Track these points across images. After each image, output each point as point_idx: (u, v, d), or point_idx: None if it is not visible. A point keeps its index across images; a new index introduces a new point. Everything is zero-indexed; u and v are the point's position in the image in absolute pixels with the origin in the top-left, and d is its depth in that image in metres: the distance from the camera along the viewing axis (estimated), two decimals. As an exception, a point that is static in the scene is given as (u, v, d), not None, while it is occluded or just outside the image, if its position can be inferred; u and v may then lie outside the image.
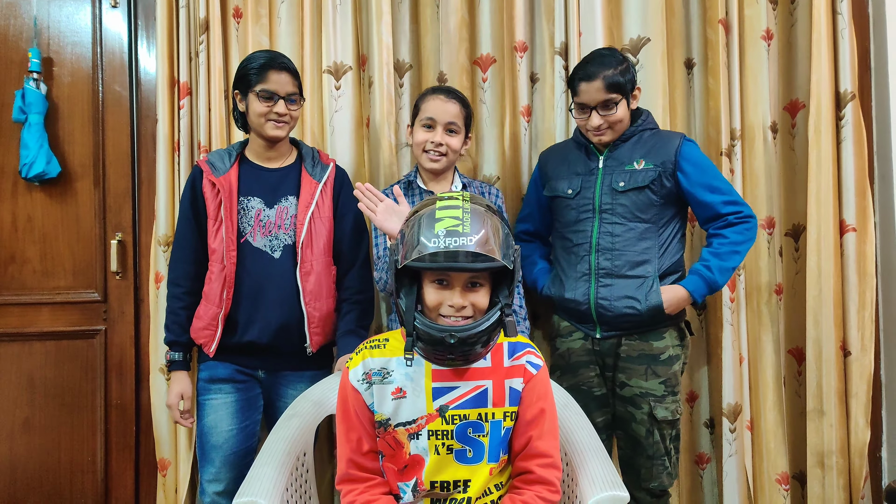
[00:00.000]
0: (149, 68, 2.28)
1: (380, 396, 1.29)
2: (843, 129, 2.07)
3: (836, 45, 2.07)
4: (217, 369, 1.75)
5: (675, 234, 1.81)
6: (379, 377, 1.29)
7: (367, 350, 1.33)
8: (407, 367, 1.29)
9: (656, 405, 1.75)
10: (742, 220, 1.74)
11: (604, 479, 1.37)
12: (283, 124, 1.74)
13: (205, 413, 1.75)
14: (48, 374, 2.26)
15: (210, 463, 1.73)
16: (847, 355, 2.08)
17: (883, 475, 2.15)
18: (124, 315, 2.28)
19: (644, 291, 1.73)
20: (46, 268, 2.26)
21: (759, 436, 2.11)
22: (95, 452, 2.27)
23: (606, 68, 1.72)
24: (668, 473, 1.79)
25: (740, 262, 1.75)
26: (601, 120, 1.74)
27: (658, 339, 1.77)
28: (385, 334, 1.37)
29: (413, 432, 1.27)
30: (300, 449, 1.54)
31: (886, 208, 2.13)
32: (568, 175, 1.85)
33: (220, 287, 1.70)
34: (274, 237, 1.74)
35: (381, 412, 1.29)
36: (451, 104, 1.80)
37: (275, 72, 1.71)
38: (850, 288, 2.07)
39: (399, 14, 2.19)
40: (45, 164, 2.17)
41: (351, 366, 1.32)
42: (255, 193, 1.75)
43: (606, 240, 1.77)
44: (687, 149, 1.77)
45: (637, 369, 1.77)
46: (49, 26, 2.25)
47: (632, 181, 1.75)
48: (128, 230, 2.28)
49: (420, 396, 1.27)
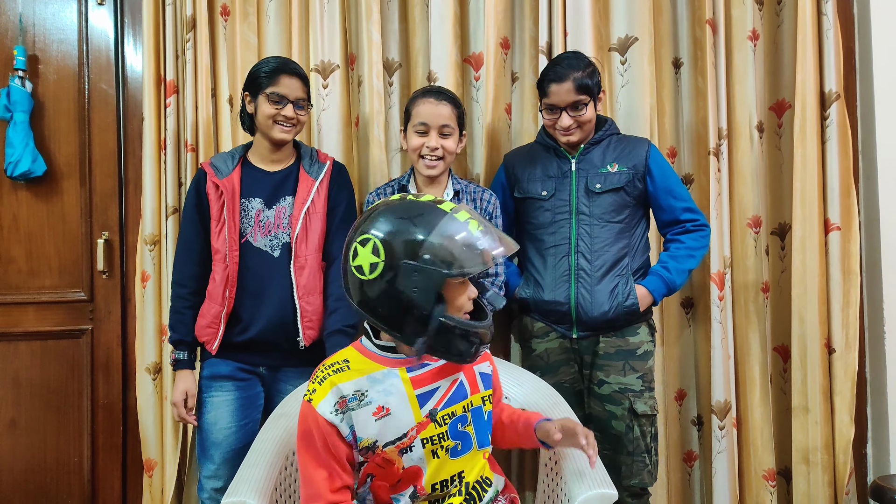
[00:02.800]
0: (135, 66, 2.27)
1: (360, 421, 1.21)
2: (827, 128, 2.09)
3: (822, 45, 2.09)
4: (219, 367, 1.77)
5: (643, 235, 1.88)
6: (355, 401, 1.21)
7: (331, 377, 1.23)
8: (381, 383, 1.23)
9: (636, 400, 1.79)
10: (698, 227, 1.84)
11: (592, 477, 1.38)
12: (291, 128, 1.78)
13: (206, 410, 1.76)
14: (34, 374, 2.24)
15: (210, 460, 1.75)
16: (832, 353, 2.10)
17: (868, 471, 2.18)
18: (111, 314, 2.27)
19: (622, 292, 1.79)
20: (32, 267, 2.24)
21: (746, 433, 2.12)
22: (82, 453, 2.25)
23: (576, 70, 1.77)
24: (649, 471, 1.81)
25: (695, 265, 1.85)
26: (571, 120, 1.78)
27: (633, 334, 1.82)
28: (335, 358, 1.28)
29: (404, 447, 1.23)
30: (289, 449, 1.54)
31: (870, 207, 2.15)
32: (541, 177, 1.87)
33: (223, 286, 1.74)
34: (273, 236, 1.77)
35: (365, 437, 1.21)
36: (442, 106, 1.78)
37: (286, 76, 1.75)
38: (835, 286, 2.09)
39: (388, 12, 2.19)
40: (31, 163, 2.15)
41: (315, 399, 1.21)
42: (256, 194, 1.78)
43: (585, 241, 1.81)
44: (655, 153, 1.86)
45: (615, 365, 1.80)
46: (34, 24, 2.23)
47: (608, 183, 1.81)
48: (114, 229, 2.27)
49: (406, 408, 1.23)
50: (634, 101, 2.07)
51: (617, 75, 2.10)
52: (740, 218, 2.13)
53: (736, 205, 2.13)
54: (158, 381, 2.11)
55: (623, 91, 2.10)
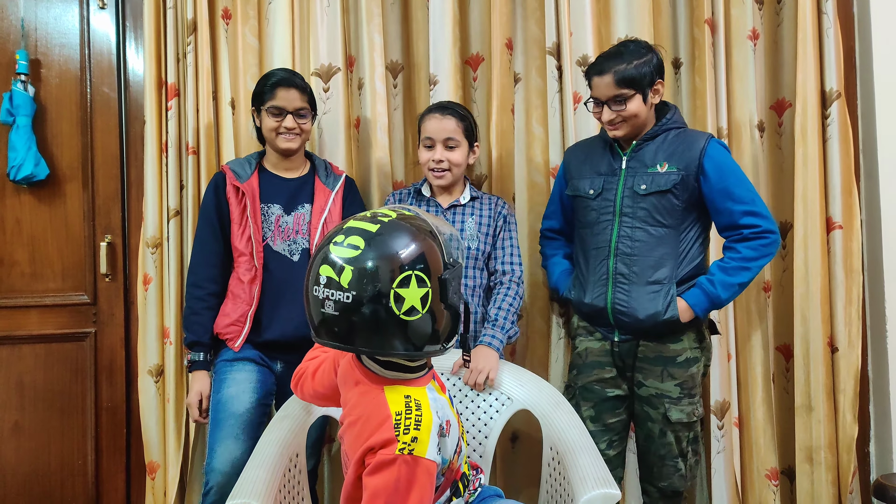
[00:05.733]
0: (137, 70, 2.27)
1: (443, 445, 1.14)
2: (828, 127, 2.08)
3: (822, 44, 2.09)
4: (243, 350, 1.81)
5: (696, 240, 1.76)
6: (442, 424, 1.14)
7: (424, 414, 1.10)
8: (436, 401, 1.16)
9: (671, 407, 1.74)
10: (758, 235, 1.67)
11: (595, 477, 1.38)
12: (295, 136, 1.85)
13: (225, 385, 1.75)
14: (38, 377, 2.24)
15: (223, 431, 1.69)
16: (834, 351, 2.09)
17: (871, 470, 2.17)
18: (114, 317, 2.27)
19: (662, 301, 1.69)
20: (35, 270, 2.25)
21: (748, 432, 2.12)
22: (86, 455, 2.26)
23: (619, 62, 1.66)
24: (681, 476, 1.77)
25: (750, 278, 1.68)
26: (612, 114, 1.70)
27: (675, 341, 1.74)
28: (397, 403, 1.11)
29: (459, 450, 1.22)
30: (293, 450, 1.54)
31: (872, 205, 2.15)
32: (590, 174, 1.81)
33: (251, 284, 1.80)
34: (293, 241, 1.85)
35: (448, 459, 1.16)
36: (446, 120, 1.83)
37: (283, 89, 1.82)
38: (837, 284, 2.09)
39: (389, 14, 2.19)
40: (34, 167, 2.16)
41: (420, 447, 1.06)
42: (275, 200, 1.86)
43: (626, 244, 1.73)
44: (713, 150, 1.69)
45: (653, 370, 1.75)
46: (37, 28, 2.24)
47: (654, 184, 1.70)
48: (117, 232, 2.27)
49: (452, 415, 1.20)
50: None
51: (617, 75, 2.10)
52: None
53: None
54: (161, 383, 2.12)
55: (623, 91, 2.09)
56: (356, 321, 1.05)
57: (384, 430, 1.07)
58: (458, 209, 1.89)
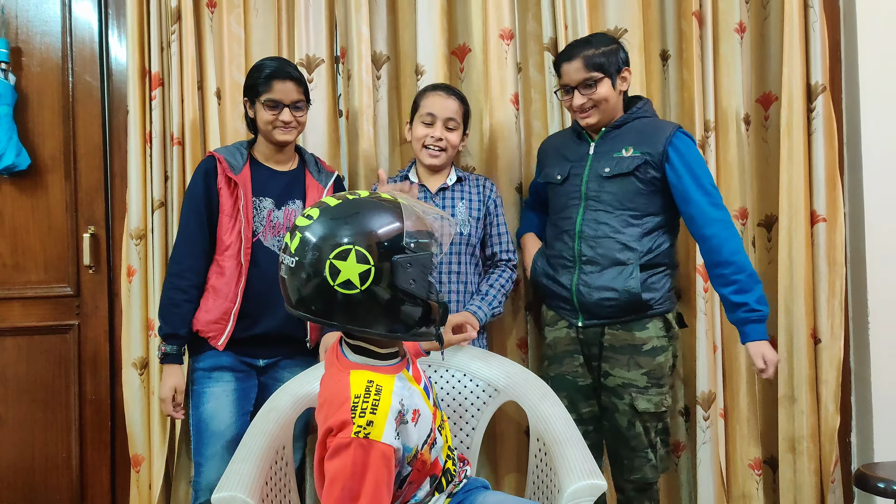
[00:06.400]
0: (120, 58, 2.24)
1: (408, 433, 1.15)
2: (814, 121, 2.10)
3: (808, 38, 2.10)
4: (220, 358, 1.76)
5: (663, 226, 1.78)
6: (406, 412, 1.15)
7: (380, 401, 1.11)
8: (405, 389, 1.18)
9: (638, 396, 1.74)
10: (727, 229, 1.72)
11: (581, 468, 1.39)
12: (291, 129, 1.80)
13: (204, 400, 1.75)
14: (21, 369, 2.22)
15: (210, 449, 1.73)
16: (817, 343, 2.12)
17: (852, 459, 2.21)
18: (98, 309, 2.25)
19: (623, 279, 1.72)
20: (17, 262, 2.22)
21: (733, 423, 2.14)
22: (70, 448, 2.24)
23: (588, 48, 1.73)
24: (652, 466, 1.78)
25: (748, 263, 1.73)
26: (583, 99, 1.73)
27: (641, 329, 1.76)
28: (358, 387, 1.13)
29: (432, 442, 1.23)
30: (279, 443, 1.54)
31: (855, 199, 2.17)
32: (560, 161, 1.85)
33: (235, 282, 1.75)
34: (283, 237, 1.76)
35: (413, 446, 1.17)
36: (450, 100, 1.84)
37: (279, 81, 1.76)
38: (821, 277, 2.11)
39: (376, 5, 2.17)
40: (15, 157, 2.12)
41: (375, 431, 1.07)
42: (267, 194, 1.81)
43: (590, 226, 1.76)
44: (679, 140, 1.73)
45: (620, 359, 1.76)
46: (17, 15, 2.20)
47: (617, 168, 1.73)
48: (100, 223, 2.24)
49: (424, 404, 1.22)
50: (624, 92, 2.07)
51: (606, 67, 2.10)
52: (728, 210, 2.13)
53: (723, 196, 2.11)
54: (145, 376, 2.10)
55: (612, 83, 2.10)
56: (297, 285, 1.12)
57: (342, 412, 1.09)
58: (447, 193, 1.89)
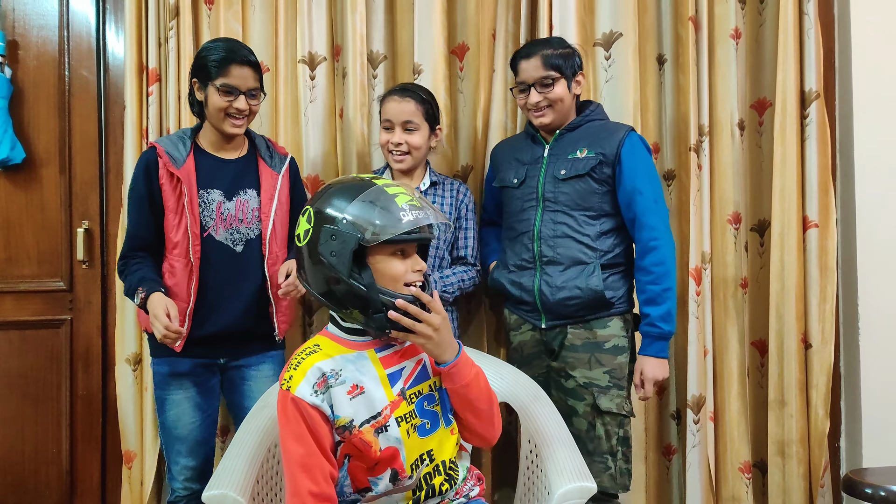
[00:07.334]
0: (117, 53, 2.24)
1: (337, 400, 1.22)
2: (807, 127, 2.11)
3: (802, 45, 2.11)
4: (178, 364, 1.72)
5: (620, 227, 1.78)
6: (333, 379, 1.22)
7: (306, 359, 1.24)
8: (354, 363, 1.25)
9: (599, 395, 1.72)
10: (654, 246, 1.70)
11: (572, 470, 1.40)
12: (243, 119, 1.71)
13: (167, 408, 1.74)
14: (12, 364, 2.21)
15: (177, 453, 1.75)
16: (808, 347, 2.13)
17: (841, 464, 2.22)
18: (91, 305, 2.25)
19: (585, 277, 1.72)
20: (10, 256, 2.21)
21: (723, 426, 2.15)
22: (60, 444, 2.23)
23: (547, 48, 1.76)
24: (611, 475, 1.72)
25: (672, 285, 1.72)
26: (539, 97, 1.75)
27: (602, 327, 1.75)
28: (306, 345, 1.28)
29: (379, 426, 1.24)
30: (271, 440, 1.54)
31: (847, 205, 2.18)
32: (514, 165, 1.86)
33: (187, 281, 1.67)
34: (235, 230, 1.72)
35: (342, 416, 1.22)
36: (405, 103, 1.82)
37: (237, 66, 1.66)
38: (812, 282, 2.12)
39: (373, 4, 2.18)
40: (10, 150, 2.12)
41: (294, 384, 1.21)
42: (214, 185, 1.71)
43: (549, 228, 1.76)
44: (632, 143, 1.74)
45: (581, 357, 1.74)
46: (14, 8, 2.19)
47: (573, 169, 1.74)
48: (95, 218, 2.24)
49: (378, 387, 1.25)
50: (618, 96, 2.08)
51: (601, 70, 2.11)
52: (720, 214, 2.15)
53: (716, 201, 2.15)
54: (138, 372, 2.10)
55: (607, 86, 2.10)
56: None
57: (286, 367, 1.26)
58: None
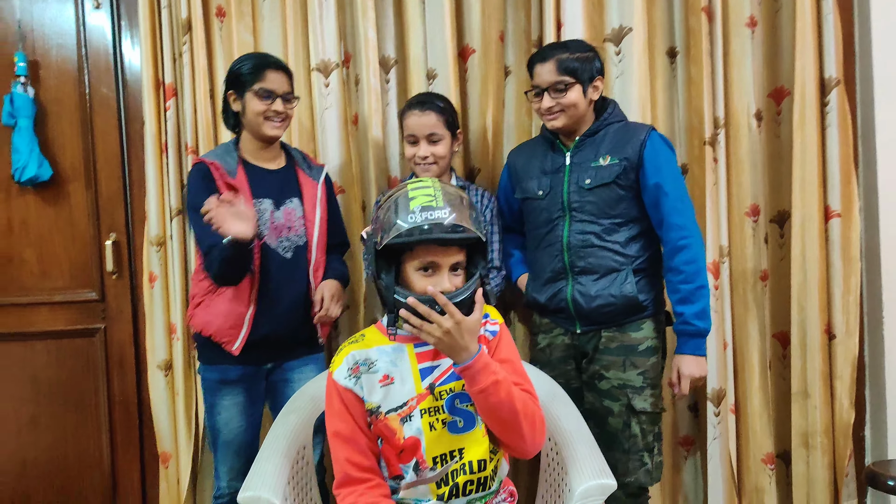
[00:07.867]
0: (134, 68, 2.28)
1: (368, 386, 1.32)
2: (827, 115, 2.06)
3: (821, 31, 2.05)
4: (228, 372, 1.79)
5: (647, 231, 1.78)
6: (365, 367, 1.33)
7: (346, 346, 1.37)
8: (390, 355, 1.34)
9: (634, 396, 1.74)
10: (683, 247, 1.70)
11: (592, 468, 1.41)
12: (281, 122, 1.78)
13: (217, 412, 1.81)
14: (51, 372, 2.31)
15: (224, 455, 1.83)
16: (832, 339, 2.10)
17: (866, 454, 2.20)
18: (122, 313, 2.33)
19: (618, 284, 1.73)
20: (44, 269, 2.30)
21: (745, 418, 2.15)
22: (101, 447, 2.34)
23: (563, 52, 1.73)
24: (647, 471, 1.76)
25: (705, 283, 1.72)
26: (552, 102, 1.73)
27: (636, 329, 1.76)
28: (356, 334, 1.42)
29: (404, 415, 1.31)
30: (300, 443, 1.59)
31: (870, 194, 2.13)
32: (537, 174, 1.84)
33: (249, 288, 1.73)
34: (285, 238, 1.79)
35: (370, 401, 1.32)
36: (426, 116, 1.84)
37: (272, 71, 1.75)
38: (835, 273, 2.09)
39: (383, 9, 2.18)
40: (38, 168, 2.19)
41: (333, 368, 1.35)
42: (265, 195, 1.77)
43: (577, 238, 1.76)
44: (653, 143, 1.73)
45: (615, 360, 1.76)
46: (33, 29, 2.25)
47: (598, 178, 1.73)
48: (121, 230, 2.31)
49: (408, 380, 1.32)
50: (629, 92, 2.05)
51: (611, 66, 2.08)
52: (738, 207, 2.12)
53: (734, 194, 2.12)
54: (170, 377, 2.18)
55: (618, 82, 2.08)
56: None
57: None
58: None
